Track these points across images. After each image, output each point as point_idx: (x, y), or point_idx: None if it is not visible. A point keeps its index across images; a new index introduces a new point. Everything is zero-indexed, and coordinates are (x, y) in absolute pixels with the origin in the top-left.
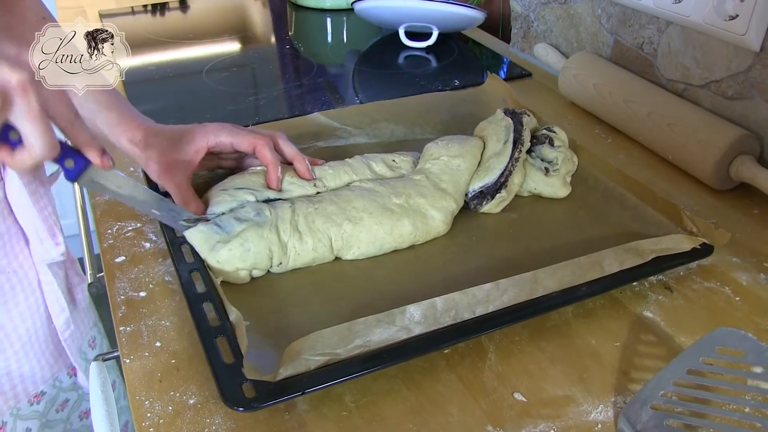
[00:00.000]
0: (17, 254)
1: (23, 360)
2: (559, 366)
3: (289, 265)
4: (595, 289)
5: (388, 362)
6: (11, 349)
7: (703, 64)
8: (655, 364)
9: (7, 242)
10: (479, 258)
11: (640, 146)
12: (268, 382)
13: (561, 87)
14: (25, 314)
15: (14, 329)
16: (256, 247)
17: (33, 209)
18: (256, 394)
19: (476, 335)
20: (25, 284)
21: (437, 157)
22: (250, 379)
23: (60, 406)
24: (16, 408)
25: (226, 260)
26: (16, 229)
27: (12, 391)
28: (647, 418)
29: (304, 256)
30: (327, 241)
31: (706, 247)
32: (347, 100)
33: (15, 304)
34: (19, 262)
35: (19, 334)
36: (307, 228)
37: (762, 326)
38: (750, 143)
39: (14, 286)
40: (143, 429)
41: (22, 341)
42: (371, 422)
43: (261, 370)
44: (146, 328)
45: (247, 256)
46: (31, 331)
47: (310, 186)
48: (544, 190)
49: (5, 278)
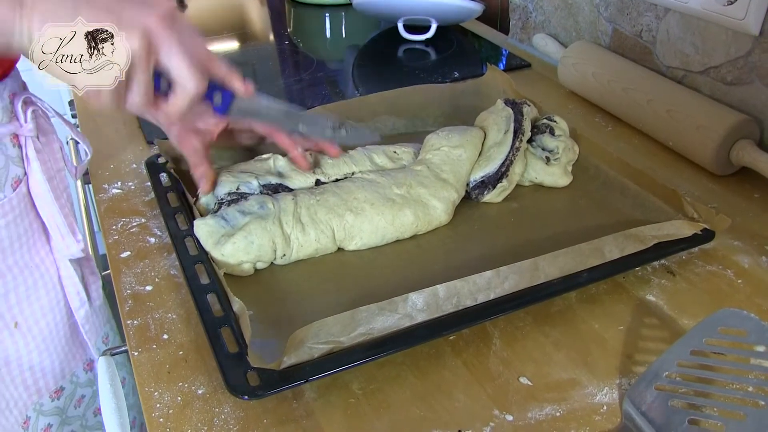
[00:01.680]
0: (39, 249)
1: (44, 354)
2: (563, 350)
3: (292, 257)
4: (596, 275)
5: (391, 350)
6: (33, 342)
7: (702, 50)
8: (659, 347)
9: (30, 237)
10: (481, 247)
11: (640, 134)
12: (272, 370)
13: (560, 77)
14: (45, 309)
15: (36, 323)
16: (260, 239)
17: (54, 205)
18: (261, 382)
19: (479, 322)
20: (46, 279)
21: (438, 147)
22: (255, 368)
23: (77, 402)
24: (39, 403)
25: (231, 254)
26: (38, 225)
27: (35, 385)
28: (652, 399)
29: (307, 248)
30: (329, 232)
31: (707, 232)
32: (347, 94)
33: (37, 299)
34: (41, 257)
35: (41, 328)
36: (310, 219)
37: (764, 307)
38: (750, 128)
39: (36, 281)
40: (153, 420)
41: (43, 335)
42: (378, 409)
43: (265, 359)
44: (153, 321)
45: (250, 249)
46: (51, 325)
47: (310, 173)
48: (546, 179)
49: (28, 273)
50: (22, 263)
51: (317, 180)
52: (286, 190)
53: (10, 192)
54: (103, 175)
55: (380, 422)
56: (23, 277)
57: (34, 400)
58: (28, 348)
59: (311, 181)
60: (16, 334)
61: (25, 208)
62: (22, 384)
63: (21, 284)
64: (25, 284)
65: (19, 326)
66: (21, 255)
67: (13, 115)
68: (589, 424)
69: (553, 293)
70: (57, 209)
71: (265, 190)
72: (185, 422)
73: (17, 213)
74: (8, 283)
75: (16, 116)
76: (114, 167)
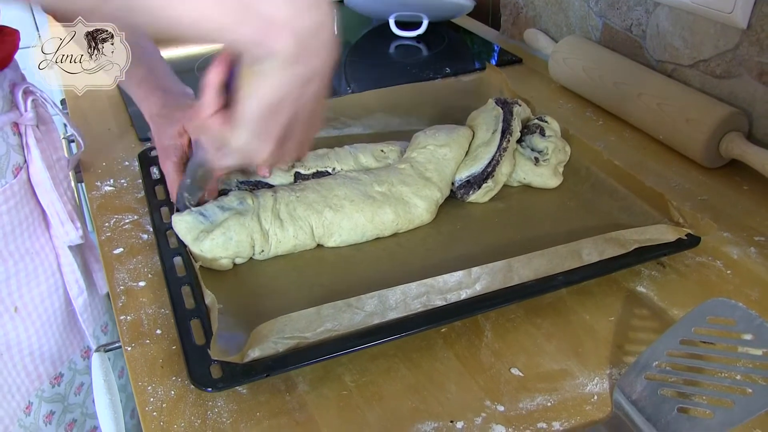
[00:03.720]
0: (39, 236)
1: (43, 340)
2: (554, 341)
3: (270, 253)
4: (572, 278)
5: (360, 346)
6: (33, 327)
7: (691, 43)
8: (649, 337)
9: (30, 224)
10: (462, 246)
11: (631, 127)
12: (235, 363)
13: (551, 72)
14: (44, 295)
15: (35, 309)
16: (238, 235)
17: (54, 192)
18: (223, 374)
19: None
20: (45, 266)
21: (424, 146)
22: (218, 361)
23: (77, 389)
24: (40, 389)
25: (209, 249)
26: (38, 212)
27: (35, 371)
28: (642, 388)
29: (285, 244)
30: (308, 229)
31: (693, 237)
32: (339, 91)
33: (36, 285)
34: (41, 243)
35: (39, 314)
36: (288, 216)
37: (753, 297)
38: (739, 120)
39: (36, 267)
40: (147, 413)
41: (41, 321)
42: (371, 401)
43: (230, 352)
44: (146, 317)
45: (229, 245)
46: (50, 311)
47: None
48: (534, 179)
49: (29, 259)
50: (23, 249)
51: (297, 173)
52: (266, 186)
53: (11, 178)
54: (95, 172)
55: (372, 414)
56: (24, 263)
57: (35, 386)
58: (28, 333)
59: (291, 178)
60: (16, 318)
61: (25, 195)
62: (24, 369)
63: (21, 270)
64: (25, 270)
65: (18, 311)
66: (22, 241)
67: (13, 104)
68: (580, 414)
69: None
70: (56, 196)
71: (245, 187)
72: (179, 416)
73: (18, 199)
74: (9, 268)
75: (17, 105)
76: (106, 165)
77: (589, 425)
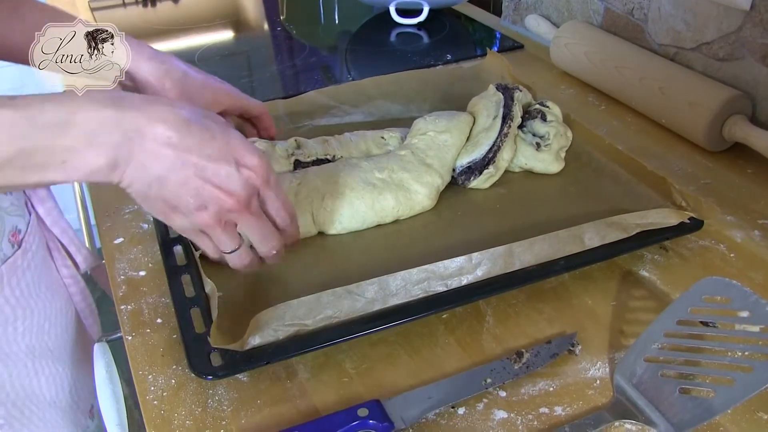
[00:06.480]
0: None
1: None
2: (557, 326)
3: None
4: (573, 263)
5: (360, 332)
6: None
7: (694, 26)
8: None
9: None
10: (463, 232)
11: (633, 112)
12: (235, 351)
13: (553, 57)
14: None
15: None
16: None
17: (63, 220)
18: (223, 362)
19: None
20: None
21: (424, 132)
22: (218, 349)
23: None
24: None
25: None
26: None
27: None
28: (642, 371)
29: None
30: (309, 216)
31: (695, 221)
32: (340, 79)
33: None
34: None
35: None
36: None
37: (756, 281)
38: (742, 103)
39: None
40: (147, 402)
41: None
42: (371, 387)
43: (231, 339)
44: (147, 306)
45: None
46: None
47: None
48: (536, 165)
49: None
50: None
51: (297, 160)
52: None
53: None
54: None
55: None
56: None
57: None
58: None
59: (291, 165)
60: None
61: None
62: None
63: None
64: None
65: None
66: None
67: None
68: (582, 399)
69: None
70: (66, 224)
71: None
72: (179, 404)
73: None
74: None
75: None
76: None
77: (591, 411)
